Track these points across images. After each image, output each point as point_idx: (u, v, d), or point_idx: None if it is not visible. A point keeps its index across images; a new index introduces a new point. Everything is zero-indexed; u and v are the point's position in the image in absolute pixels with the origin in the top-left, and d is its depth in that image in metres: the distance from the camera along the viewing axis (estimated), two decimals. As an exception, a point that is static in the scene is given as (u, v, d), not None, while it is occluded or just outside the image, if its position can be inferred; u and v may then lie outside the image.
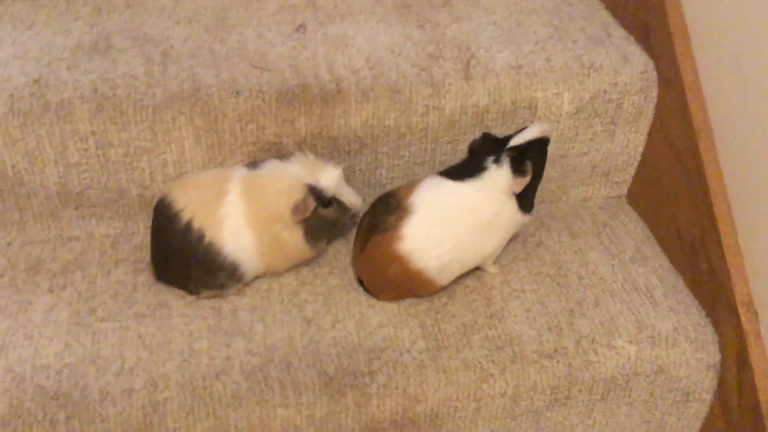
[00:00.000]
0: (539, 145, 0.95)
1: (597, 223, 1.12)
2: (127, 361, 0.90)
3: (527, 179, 0.93)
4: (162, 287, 0.98)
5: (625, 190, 1.17)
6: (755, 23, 0.90)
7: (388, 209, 0.93)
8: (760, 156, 0.90)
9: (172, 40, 1.06)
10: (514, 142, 0.94)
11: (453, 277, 0.96)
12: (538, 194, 1.13)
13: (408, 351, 0.92)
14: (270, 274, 1.00)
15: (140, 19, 1.10)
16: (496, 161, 0.93)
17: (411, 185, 0.95)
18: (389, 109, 1.01)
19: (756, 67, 0.90)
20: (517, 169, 0.93)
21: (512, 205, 0.94)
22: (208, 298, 0.97)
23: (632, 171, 1.14)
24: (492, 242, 0.95)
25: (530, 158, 0.94)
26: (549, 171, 1.11)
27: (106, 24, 1.09)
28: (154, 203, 0.98)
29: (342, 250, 1.05)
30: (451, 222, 0.92)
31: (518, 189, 0.93)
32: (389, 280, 0.93)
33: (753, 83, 0.91)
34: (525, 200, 0.95)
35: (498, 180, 0.92)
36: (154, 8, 1.13)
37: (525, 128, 0.96)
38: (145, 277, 1.00)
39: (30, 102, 0.95)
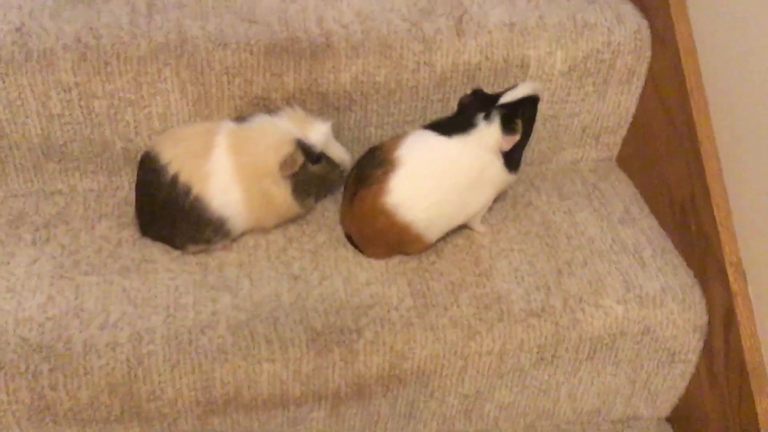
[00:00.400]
0: (529, 104, 0.94)
1: (587, 185, 1.11)
2: (111, 314, 0.88)
3: (517, 137, 0.92)
4: (147, 242, 0.97)
5: (615, 153, 1.16)
6: (752, -19, 0.89)
7: (374, 163, 0.92)
8: (753, 116, 0.89)
9: (157, -10, 1.04)
10: (505, 99, 0.93)
11: (441, 233, 0.95)
12: (529, 155, 1.13)
13: (396, 308, 0.92)
14: (257, 230, 0.99)
15: (125, -31, 1.07)
16: (487, 118, 0.92)
17: (397, 139, 0.94)
18: (379, 64, 0.99)
19: (751, 24, 0.89)
20: (507, 127, 0.92)
21: (499, 163, 0.93)
22: (194, 253, 0.96)
23: (623, 133, 1.14)
24: (478, 199, 0.94)
25: (520, 116, 0.93)
26: (539, 131, 1.11)
27: (91, -27, 1.06)
28: (139, 157, 0.96)
29: (330, 208, 1.04)
30: (437, 176, 0.91)
31: (507, 147, 0.92)
32: (377, 233, 0.93)
33: (747, 41, 0.90)
34: (512, 159, 0.94)
35: (487, 137, 0.91)
36: (139, -42, 1.10)
37: (516, 86, 0.94)
38: (130, 232, 0.98)
39: (11, 50, 0.93)
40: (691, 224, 0.98)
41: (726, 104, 0.94)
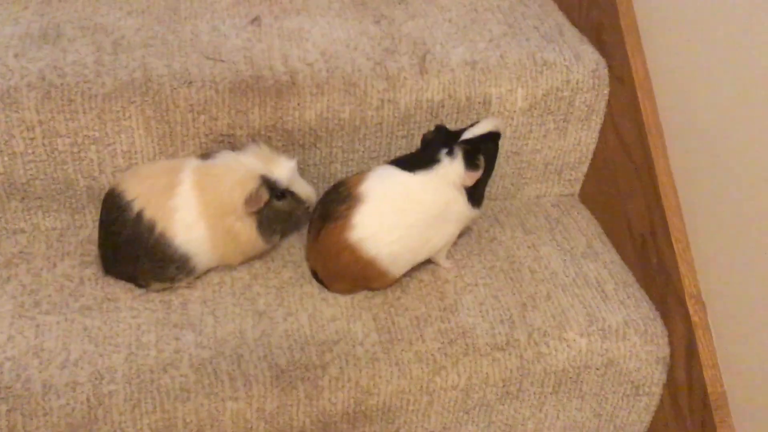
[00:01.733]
0: (491, 139, 0.96)
1: (550, 220, 1.13)
2: (71, 353, 0.87)
3: (479, 173, 0.93)
4: (110, 280, 0.96)
5: (577, 188, 1.18)
6: (704, 22, 0.92)
7: (338, 198, 0.93)
8: (709, 152, 0.92)
9: (123, 30, 1.05)
10: (467, 135, 0.95)
11: (405, 268, 0.96)
12: (493, 191, 1.15)
13: (361, 344, 0.92)
14: (223, 266, 0.99)
15: (92, 9, 1.08)
16: (450, 154, 0.93)
17: (361, 174, 0.95)
18: (344, 102, 1.01)
19: (706, 64, 0.92)
20: (470, 163, 0.93)
21: (463, 199, 0.94)
22: (158, 291, 0.95)
23: (584, 169, 1.16)
24: (442, 234, 0.95)
25: (483, 152, 0.94)
26: (503, 167, 1.13)
27: (57, 13, 1.07)
28: (103, 195, 0.96)
29: (296, 244, 1.04)
30: (401, 212, 0.92)
31: (470, 182, 0.93)
32: (342, 268, 0.93)
33: (703, 80, 0.93)
34: (475, 194, 0.95)
35: (450, 173, 0.93)
36: (106, -2, 1.11)
37: (478, 122, 0.96)
38: (93, 270, 0.97)
39: (-26, 89, 0.93)
40: (652, 258, 1.00)
41: (683, 141, 0.97)
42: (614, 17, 1.06)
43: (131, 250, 0.92)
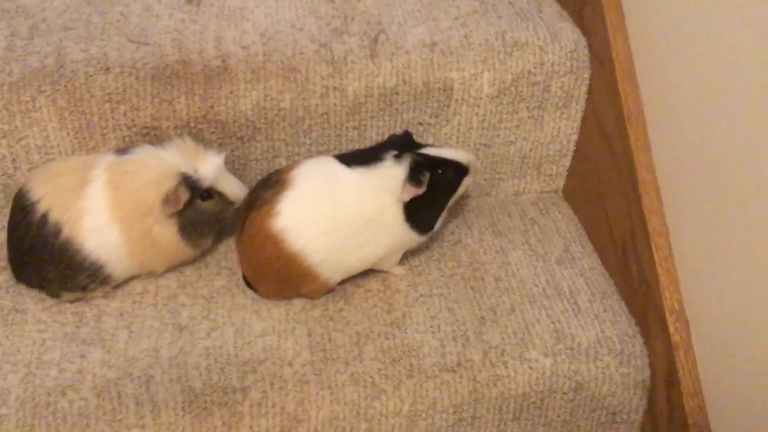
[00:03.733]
0: (453, 169, 0.85)
1: (525, 220, 1.01)
2: (-37, 373, 0.78)
3: (419, 191, 0.81)
4: (22, 289, 0.87)
5: (560, 184, 1.05)
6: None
7: (266, 184, 0.82)
8: (697, 144, 0.78)
9: (47, 12, 0.95)
10: (430, 151, 0.84)
11: (339, 274, 0.84)
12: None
13: (290, 363, 0.81)
14: (147, 275, 0.89)
15: (16, -10, 0.99)
16: (397, 158, 0.82)
17: (297, 162, 0.84)
18: (283, 89, 0.90)
19: (697, 41, 0.78)
20: (413, 176, 0.81)
21: (399, 212, 0.82)
22: (71, 302, 0.86)
23: (566, 163, 1.03)
24: (377, 245, 0.83)
25: (435, 176, 0.83)
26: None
27: (-22, -5, 0.98)
28: (18, 194, 0.87)
29: (235, 249, 0.94)
30: (329, 204, 0.81)
31: (406, 197, 0.81)
32: (265, 264, 0.82)
33: (692, 60, 0.79)
34: (417, 216, 0.84)
35: (388, 177, 0.81)
36: (34, -22, 1.01)
37: (451, 147, 0.87)
38: (4, 277, 0.88)
39: None
40: (632, 265, 0.87)
41: (668, 130, 0.83)
42: (597, -11, 0.93)
43: (36, 257, 0.83)
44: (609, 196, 0.93)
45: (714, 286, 0.77)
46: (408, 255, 0.93)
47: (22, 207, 0.83)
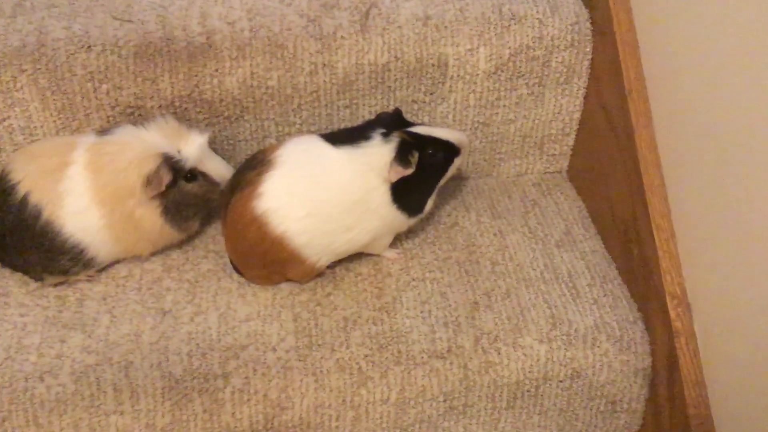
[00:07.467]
0: (444, 149, 0.81)
1: (526, 202, 0.97)
2: (-58, 357, 0.77)
3: (406, 172, 0.78)
4: (6, 273, 0.86)
5: (565, 165, 1.01)
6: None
7: (251, 165, 0.80)
8: (702, 121, 0.74)
9: (33, -10, 0.93)
10: (419, 130, 0.80)
11: (327, 257, 0.81)
12: (463, 168, 0.99)
13: (273, 349, 0.79)
14: (132, 258, 0.87)
15: (3, -32, 0.97)
16: (385, 136, 0.78)
17: (282, 142, 0.81)
18: (270, 66, 0.87)
19: (703, 12, 0.73)
20: (401, 156, 0.78)
21: (387, 193, 0.79)
22: (54, 285, 0.84)
23: (570, 142, 0.99)
24: (364, 227, 0.80)
25: (424, 156, 0.79)
26: (472, 141, 0.97)
27: (-36, -27, 0.96)
28: (4, 177, 0.85)
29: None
30: (314, 184, 0.78)
31: (393, 178, 0.78)
32: (250, 247, 0.80)
33: (698, 32, 0.74)
34: (405, 198, 0.80)
35: (374, 156, 0.78)
36: (22, -44, 0.99)
37: (442, 127, 0.83)
38: (-12, 261, 0.87)
39: None
40: (633, 248, 0.83)
41: (672, 107, 0.79)
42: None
43: (17, 240, 0.81)
44: (611, 176, 0.88)
45: (717, 270, 0.72)
46: (401, 238, 0.90)
47: (2, 189, 0.81)
